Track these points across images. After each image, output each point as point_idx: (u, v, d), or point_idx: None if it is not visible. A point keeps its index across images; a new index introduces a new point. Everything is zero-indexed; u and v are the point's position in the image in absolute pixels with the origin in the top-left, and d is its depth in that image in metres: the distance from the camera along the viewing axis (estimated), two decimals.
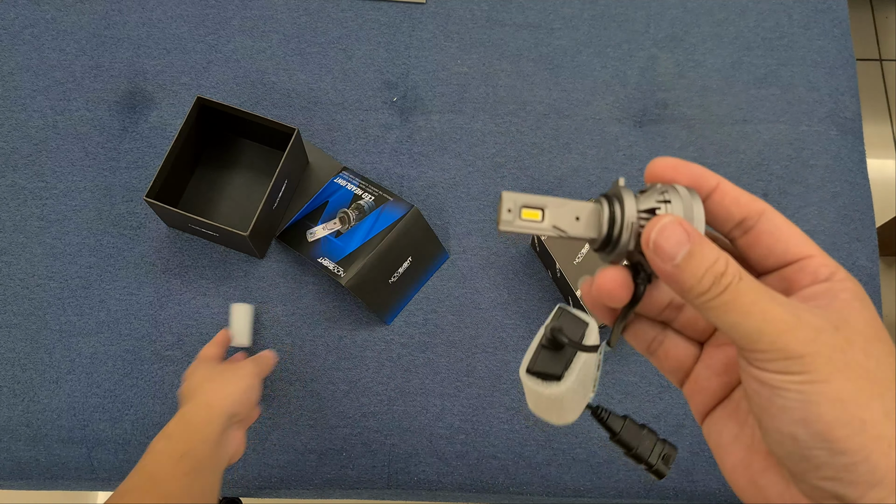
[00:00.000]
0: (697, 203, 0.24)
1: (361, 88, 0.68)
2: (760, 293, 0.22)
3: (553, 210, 0.24)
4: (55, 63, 0.69)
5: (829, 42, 0.71)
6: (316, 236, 0.61)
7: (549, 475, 0.60)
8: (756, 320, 0.21)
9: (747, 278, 0.22)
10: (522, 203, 0.24)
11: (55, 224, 0.64)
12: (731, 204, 0.25)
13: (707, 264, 0.22)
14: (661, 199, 0.24)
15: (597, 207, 0.24)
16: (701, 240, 0.22)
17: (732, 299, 0.22)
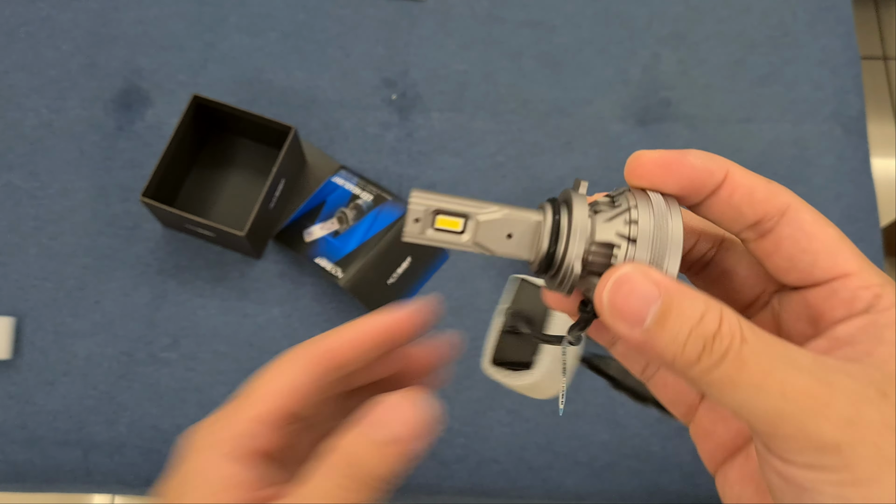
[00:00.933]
0: (675, 218, 0.18)
1: (360, 86, 0.68)
2: (775, 356, 0.15)
3: (478, 221, 0.19)
4: (50, 61, 0.68)
5: (834, 40, 0.71)
6: (313, 236, 0.61)
7: (550, 479, 0.59)
8: (772, 398, 0.15)
9: (753, 336, 0.16)
10: (437, 207, 0.19)
11: (50, 224, 0.64)
12: (743, 201, 0.18)
13: (690, 324, 0.16)
14: (625, 218, 0.18)
15: (536, 224, 0.19)
16: (678, 291, 0.16)
17: (735, 371, 0.15)
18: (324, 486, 0.19)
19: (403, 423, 0.19)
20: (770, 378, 0.15)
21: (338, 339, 0.23)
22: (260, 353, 0.61)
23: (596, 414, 0.60)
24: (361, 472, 0.19)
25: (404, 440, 0.19)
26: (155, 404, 0.60)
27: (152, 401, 0.60)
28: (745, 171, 0.19)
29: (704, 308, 0.16)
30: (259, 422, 0.21)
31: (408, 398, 0.20)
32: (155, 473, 0.59)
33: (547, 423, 0.60)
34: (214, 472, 0.20)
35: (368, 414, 0.20)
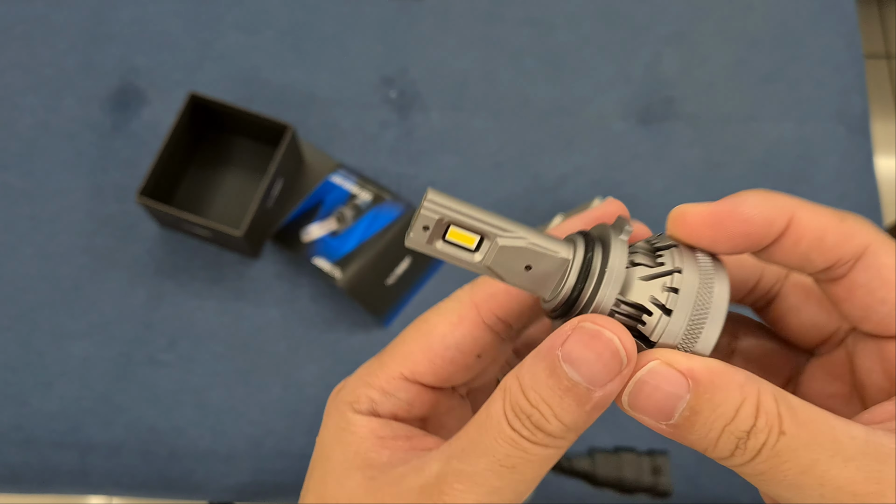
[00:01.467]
0: (721, 284, 0.16)
1: (358, 85, 0.67)
2: (817, 446, 0.14)
3: (497, 244, 0.16)
4: (45, 60, 0.68)
5: (837, 38, 0.70)
6: (311, 236, 0.60)
7: (550, 481, 0.59)
8: (814, 495, 0.14)
9: (794, 426, 0.14)
10: (453, 218, 0.16)
11: (46, 224, 0.63)
12: (812, 248, 0.16)
13: (723, 422, 0.14)
14: (665, 283, 0.16)
15: (562, 262, 0.16)
16: (709, 383, 0.15)
17: (771, 468, 0.14)
18: (480, 443, 0.16)
19: (592, 362, 0.15)
20: (808, 475, 0.14)
21: (499, 283, 0.19)
22: (257, 355, 0.60)
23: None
24: (529, 427, 0.16)
25: (596, 382, 0.15)
26: (152, 406, 0.59)
27: (149, 402, 0.59)
28: (815, 210, 0.17)
29: (740, 401, 0.14)
30: (402, 380, 0.19)
31: (591, 326, 0.15)
32: (152, 475, 0.59)
33: None
34: (347, 427, 0.18)
35: (541, 348, 0.16)
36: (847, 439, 0.14)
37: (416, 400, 0.19)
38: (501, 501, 0.16)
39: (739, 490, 0.58)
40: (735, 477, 0.58)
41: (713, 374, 0.15)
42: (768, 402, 0.14)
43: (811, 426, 0.14)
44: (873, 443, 0.14)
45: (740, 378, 0.15)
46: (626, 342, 0.15)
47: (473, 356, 0.19)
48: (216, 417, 0.59)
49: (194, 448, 0.58)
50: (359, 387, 0.20)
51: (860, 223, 0.17)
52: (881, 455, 0.14)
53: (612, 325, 0.15)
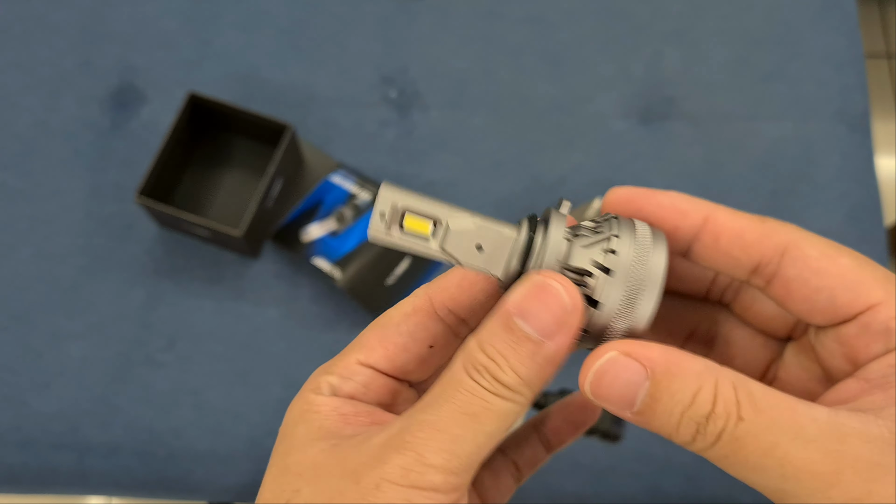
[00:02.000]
0: (658, 253, 0.17)
1: (358, 84, 0.67)
2: (778, 430, 0.14)
3: (448, 227, 0.17)
4: (44, 59, 0.67)
5: (838, 38, 0.70)
6: (311, 236, 0.60)
7: (550, 482, 0.59)
8: (772, 478, 0.15)
9: (753, 411, 0.15)
10: (405, 205, 0.17)
11: (44, 224, 0.63)
12: (733, 246, 0.17)
13: (681, 407, 0.15)
14: (603, 247, 0.17)
15: (508, 240, 0.18)
16: (666, 370, 0.15)
17: (732, 452, 0.15)
18: (442, 394, 0.17)
19: (541, 313, 0.16)
20: (769, 457, 0.15)
21: (457, 276, 0.20)
22: (256, 355, 0.60)
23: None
24: (487, 378, 0.16)
25: (545, 332, 0.16)
26: (150, 406, 0.59)
27: (148, 403, 0.59)
28: (732, 212, 0.18)
29: (697, 386, 0.15)
30: (358, 364, 0.20)
31: (538, 278, 0.16)
32: (150, 476, 0.58)
33: None
34: (306, 406, 0.19)
35: (496, 308, 0.17)
36: (808, 422, 0.15)
37: (371, 384, 0.20)
38: (462, 450, 0.17)
39: (739, 490, 0.58)
40: (734, 477, 0.58)
41: (670, 362, 0.15)
42: (725, 389, 0.15)
43: (771, 411, 0.15)
44: (835, 423, 0.15)
45: (697, 366, 0.15)
46: (570, 291, 0.16)
47: (426, 346, 0.20)
48: (215, 418, 0.59)
49: (193, 448, 0.58)
50: (318, 375, 0.21)
51: (780, 223, 0.17)
52: (841, 435, 0.14)
53: (557, 277, 0.17)
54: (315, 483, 0.18)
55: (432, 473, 0.16)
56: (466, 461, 0.17)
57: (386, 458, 0.17)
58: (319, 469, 0.18)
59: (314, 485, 0.18)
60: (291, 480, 0.18)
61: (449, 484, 0.17)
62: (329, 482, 0.17)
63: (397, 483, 0.16)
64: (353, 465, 0.17)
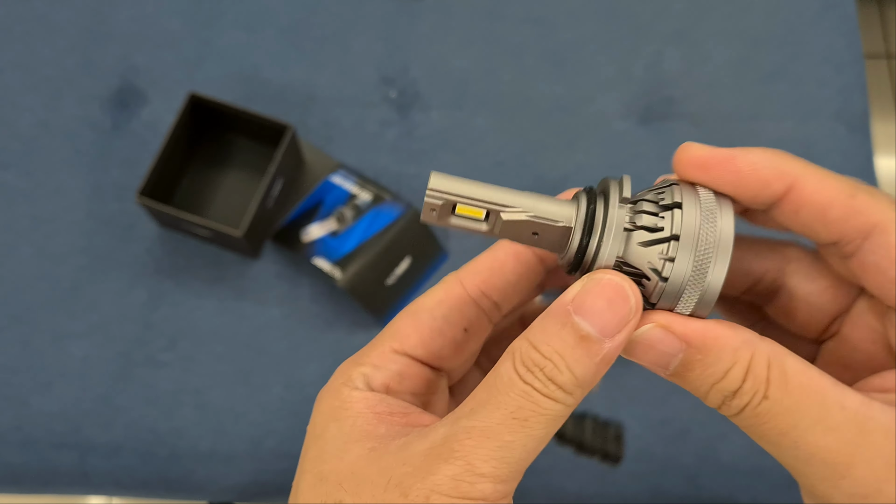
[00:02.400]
0: (725, 218, 0.16)
1: (359, 84, 0.67)
2: (800, 412, 0.14)
3: (501, 218, 0.17)
4: (45, 59, 0.67)
5: (838, 38, 0.70)
6: (311, 236, 0.60)
7: (551, 482, 0.59)
8: (787, 457, 0.15)
9: (780, 391, 0.15)
10: (455, 199, 0.17)
11: (45, 224, 0.63)
12: (814, 220, 0.16)
13: (712, 379, 0.15)
14: (667, 220, 0.16)
15: (566, 221, 0.17)
16: (702, 344, 0.15)
17: (753, 424, 0.15)
18: (491, 400, 0.16)
19: (604, 312, 0.16)
20: (786, 437, 0.15)
21: (487, 259, 0.20)
22: (258, 355, 0.60)
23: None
24: (541, 379, 0.16)
25: (606, 332, 0.16)
26: (152, 406, 0.59)
27: (149, 403, 0.59)
28: (822, 179, 0.16)
29: (731, 362, 0.15)
30: (396, 354, 0.19)
31: (602, 276, 0.16)
32: (152, 475, 0.58)
33: None
34: (338, 402, 0.18)
35: (551, 307, 0.16)
36: (835, 408, 0.15)
37: (406, 372, 0.19)
38: (512, 457, 0.16)
39: (740, 491, 0.58)
40: (735, 477, 0.58)
41: (707, 336, 0.15)
42: (759, 365, 0.15)
43: (798, 392, 0.15)
44: (862, 414, 0.15)
45: (736, 342, 0.15)
46: (634, 291, 0.16)
47: (461, 329, 0.19)
48: (216, 418, 0.59)
49: (194, 448, 0.58)
50: (350, 367, 0.20)
51: (873, 199, 0.16)
52: (865, 428, 0.14)
53: (620, 276, 0.16)
54: (358, 495, 0.17)
55: (483, 483, 0.16)
56: (516, 468, 0.16)
57: (434, 469, 0.16)
58: (361, 479, 0.17)
59: (358, 496, 0.17)
60: (331, 491, 0.17)
61: (498, 492, 0.16)
62: (374, 494, 0.16)
63: (448, 495, 0.16)
64: (398, 475, 0.16)
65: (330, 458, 0.18)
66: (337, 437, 0.18)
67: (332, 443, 0.18)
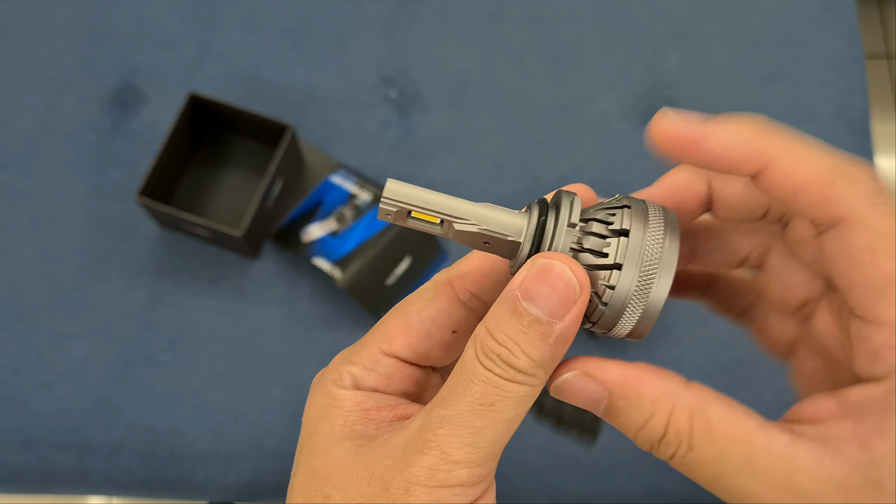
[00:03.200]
0: (671, 236, 0.17)
1: (359, 84, 0.67)
2: (726, 461, 0.15)
3: (454, 228, 0.18)
4: (45, 59, 0.67)
5: (838, 39, 0.70)
6: (311, 236, 0.60)
7: (551, 482, 0.59)
8: (726, 499, 0.15)
9: (704, 441, 0.15)
10: (409, 210, 0.18)
11: (45, 224, 0.63)
12: (785, 199, 0.16)
13: (635, 427, 0.16)
14: (615, 229, 0.17)
15: (512, 243, 0.18)
16: (622, 394, 0.16)
17: (686, 472, 0.16)
18: (457, 387, 0.17)
19: (547, 294, 0.16)
20: (717, 484, 0.15)
21: (476, 259, 0.20)
22: (257, 355, 0.60)
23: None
24: (501, 365, 0.16)
25: (553, 313, 0.16)
26: (151, 406, 0.59)
27: (149, 403, 0.59)
28: (800, 158, 0.16)
29: (650, 413, 0.16)
30: (385, 355, 0.20)
31: (543, 261, 0.16)
32: (151, 476, 0.58)
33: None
34: (327, 401, 0.19)
35: (502, 294, 0.17)
36: (762, 453, 0.15)
37: (395, 374, 0.20)
38: (484, 440, 0.17)
39: None
40: None
41: (627, 385, 0.16)
42: (679, 418, 0.16)
43: (724, 441, 0.15)
44: (788, 456, 0.15)
45: (656, 391, 0.16)
46: (576, 272, 0.16)
47: (449, 331, 0.20)
48: (216, 418, 0.59)
49: (194, 448, 0.58)
50: (340, 364, 0.20)
51: (851, 188, 0.16)
52: (791, 471, 0.15)
53: (562, 258, 0.16)
54: (344, 489, 0.18)
55: (458, 469, 0.17)
56: (489, 451, 0.17)
57: (411, 461, 0.17)
58: (347, 473, 0.18)
59: (343, 490, 0.18)
60: (320, 485, 0.18)
61: (475, 476, 0.17)
62: (359, 488, 0.17)
63: (426, 485, 0.16)
64: (380, 469, 0.17)
65: (320, 454, 0.18)
66: (328, 434, 0.19)
67: (322, 440, 0.19)
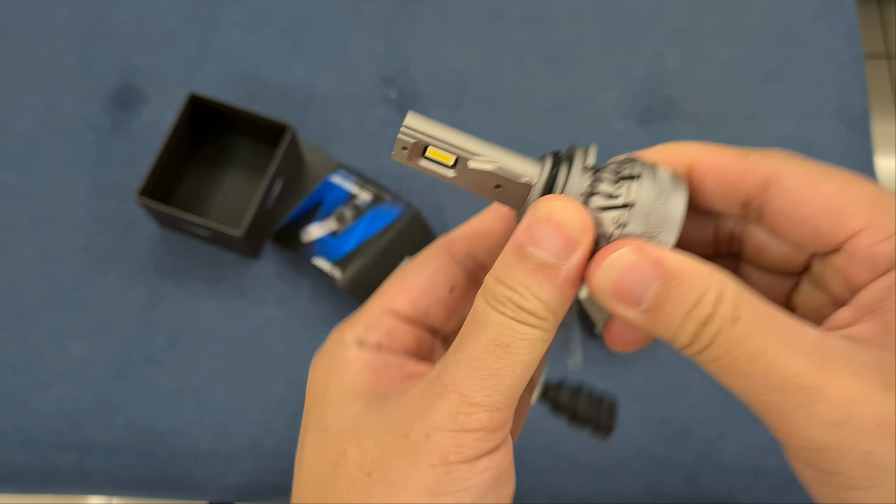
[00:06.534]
0: (677, 195, 0.17)
1: (359, 84, 0.67)
2: (769, 336, 0.14)
3: (468, 166, 0.18)
4: (45, 59, 0.67)
5: (837, 37, 0.70)
6: (311, 236, 0.60)
7: (551, 481, 0.59)
8: (758, 387, 0.14)
9: (750, 315, 0.15)
10: (427, 143, 0.17)
11: (45, 223, 0.63)
12: (718, 187, 0.17)
13: (687, 307, 0.15)
14: (624, 186, 0.17)
15: (529, 177, 0.18)
16: (677, 271, 0.15)
17: (724, 353, 0.15)
18: (471, 332, 0.17)
19: (551, 236, 0.16)
20: (757, 363, 0.14)
21: (474, 224, 0.21)
22: (257, 354, 0.60)
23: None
24: (512, 308, 0.16)
25: (559, 254, 0.16)
26: (152, 406, 0.59)
27: (149, 402, 0.59)
28: (717, 151, 0.18)
29: (704, 288, 0.15)
30: (385, 313, 0.20)
31: (544, 206, 0.16)
32: (151, 475, 0.58)
33: (549, 424, 0.59)
34: (337, 359, 0.19)
35: (509, 241, 0.17)
36: (800, 335, 0.15)
37: (396, 330, 0.20)
38: (502, 383, 0.16)
39: (740, 490, 0.58)
40: (735, 477, 0.58)
41: (682, 262, 0.16)
42: (730, 292, 0.15)
43: (766, 317, 0.15)
44: (825, 342, 0.15)
45: (706, 269, 0.16)
46: (577, 209, 0.16)
47: (446, 289, 0.20)
48: (216, 417, 0.59)
49: (194, 448, 0.58)
50: (342, 331, 0.20)
51: (764, 155, 0.17)
52: (830, 353, 0.14)
53: (565, 200, 0.17)
54: (361, 442, 0.17)
55: (479, 412, 0.16)
56: (507, 394, 0.17)
57: (430, 406, 0.17)
58: (362, 428, 0.17)
59: (360, 444, 0.17)
60: (335, 442, 0.18)
61: (495, 421, 0.17)
62: (376, 439, 0.17)
63: (447, 429, 0.16)
64: (398, 419, 0.17)
65: (332, 413, 0.18)
66: (338, 393, 0.18)
67: (333, 399, 0.18)
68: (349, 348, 0.19)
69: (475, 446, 0.16)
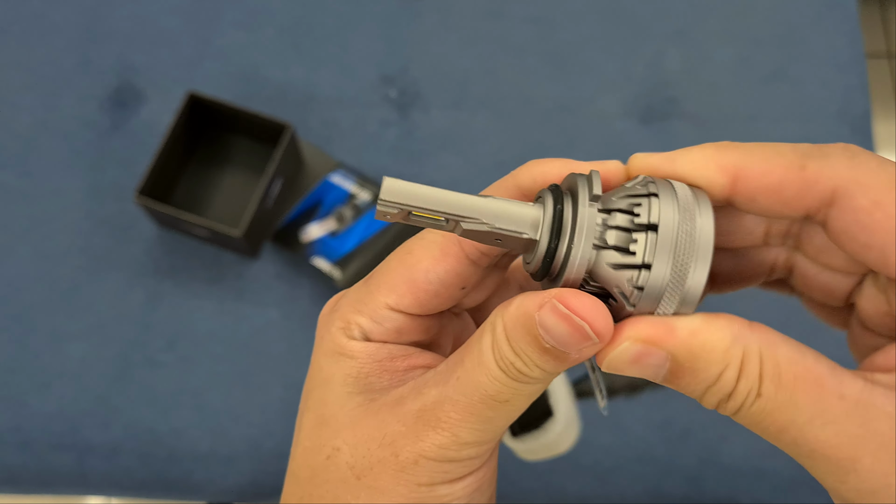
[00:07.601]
0: (704, 216, 0.15)
1: (359, 83, 0.67)
2: (795, 408, 0.14)
3: (462, 227, 0.16)
4: (43, 58, 0.67)
5: (839, 38, 0.70)
6: (311, 236, 0.60)
7: (552, 483, 0.58)
8: (793, 452, 0.14)
9: (774, 389, 0.14)
10: (410, 208, 0.16)
11: (43, 224, 0.63)
12: (773, 204, 0.15)
13: (706, 384, 0.15)
14: (642, 219, 0.15)
15: (527, 241, 0.16)
16: (688, 351, 0.14)
17: (752, 424, 0.15)
18: (474, 379, 0.17)
19: (563, 333, 0.15)
20: (785, 434, 0.14)
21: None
22: (256, 356, 0.60)
23: (599, 417, 0.59)
24: (514, 373, 0.16)
25: (565, 348, 0.16)
26: (150, 407, 0.59)
27: (148, 403, 0.59)
28: (767, 157, 0.15)
29: (723, 365, 0.14)
30: (388, 310, 0.19)
31: (561, 308, 0.15)
32: (150, 476, 0.58)
33: None
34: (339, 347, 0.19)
35: (522, 305, 0.16)
36: (834, 400, 0.14)
37: (404, 327, 0.20)
38: (493, 427, 0.18)
39: (741, 492, 0.58)
40: (736, 479, 0.58)
41: (693, 344, 0.14)
42: (751, 363, 0.14)
43: (793, 385, 0.14)
44: (864, 402, 0.14)
45: (725, 341, 0.14)
46: (597, 321, 0.15)
47: (458, 289, 0.19)
48: (215, 418, 0.59)
49: (193, 449, 0.58)
50: (349, 313, 0.20)
51: (825, 164, 0.15)
52: (868, 417, 0.13)
53: (581, 303, 0.15)
54: (354, 446, 0.18)
55: (467, 449, 0.17)
56: (499, 432, 0.18)
57: (423, 435, 0.17)
58: (358, 431, 0.18)
59: (354, 448, 0.18)
60: (330, 437, 0.18)
61: (482, 451, 0.18)
62: (369, 447, 0.18)
63: (435, 459, 0.17)
64: (391, 433, 0.18)
65: (332, 404, 0.19)
66: (341, 384, 0.19)
67: (335, 389, 0.19)
68: (354, 339, 0.20)
69: (460, 472, 0.18)
